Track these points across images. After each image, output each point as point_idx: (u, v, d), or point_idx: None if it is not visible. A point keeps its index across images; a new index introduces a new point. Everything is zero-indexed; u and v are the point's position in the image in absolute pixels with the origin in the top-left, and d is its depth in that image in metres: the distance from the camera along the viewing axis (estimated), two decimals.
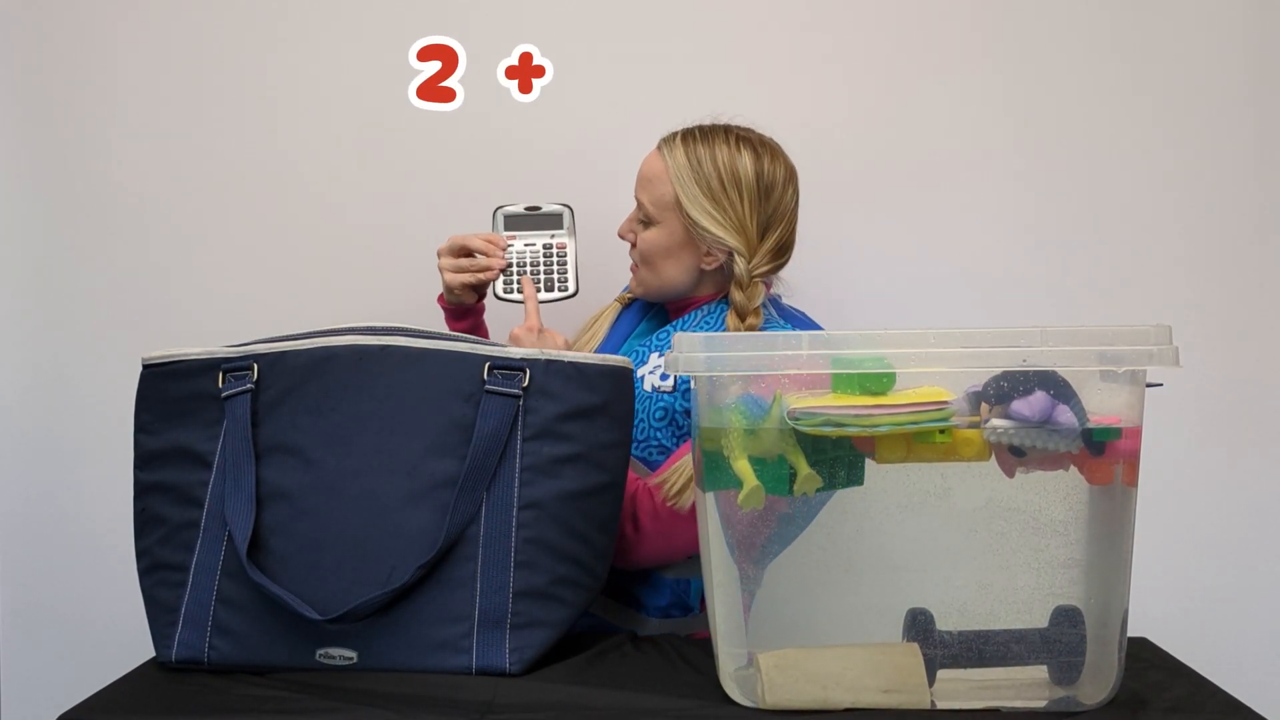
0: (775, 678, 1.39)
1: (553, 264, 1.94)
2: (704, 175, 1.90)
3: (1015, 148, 2.34)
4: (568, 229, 1.97)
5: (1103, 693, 1.40)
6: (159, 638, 1.59)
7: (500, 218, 1.97)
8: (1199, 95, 2.33)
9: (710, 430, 1.41)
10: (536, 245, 1.95)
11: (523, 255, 1.94)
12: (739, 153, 1.90)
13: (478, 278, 1.94)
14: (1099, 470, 1.39)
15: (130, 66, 2.33)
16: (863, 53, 2.33)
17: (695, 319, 1.95)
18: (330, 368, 1.59)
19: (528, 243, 1.95)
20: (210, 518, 1.59)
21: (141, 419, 1.64)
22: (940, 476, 1.40)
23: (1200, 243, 2.33)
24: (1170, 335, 1.37)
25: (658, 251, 1.94)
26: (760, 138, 1.94)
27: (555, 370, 1.59)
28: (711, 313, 1.95)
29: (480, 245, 1.94)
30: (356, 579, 1.53)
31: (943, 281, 2.33)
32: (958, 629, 1.42)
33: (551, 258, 1.94)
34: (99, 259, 2.33)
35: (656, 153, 1.95)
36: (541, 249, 1.94)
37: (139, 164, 2.33)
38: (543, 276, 1.94)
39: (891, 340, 1.38)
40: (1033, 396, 1.36)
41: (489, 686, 1.48)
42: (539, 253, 1.94)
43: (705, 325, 1.93)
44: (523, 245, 1.95)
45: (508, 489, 1.56)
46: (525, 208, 1.97)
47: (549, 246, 1.95)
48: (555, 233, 1.96)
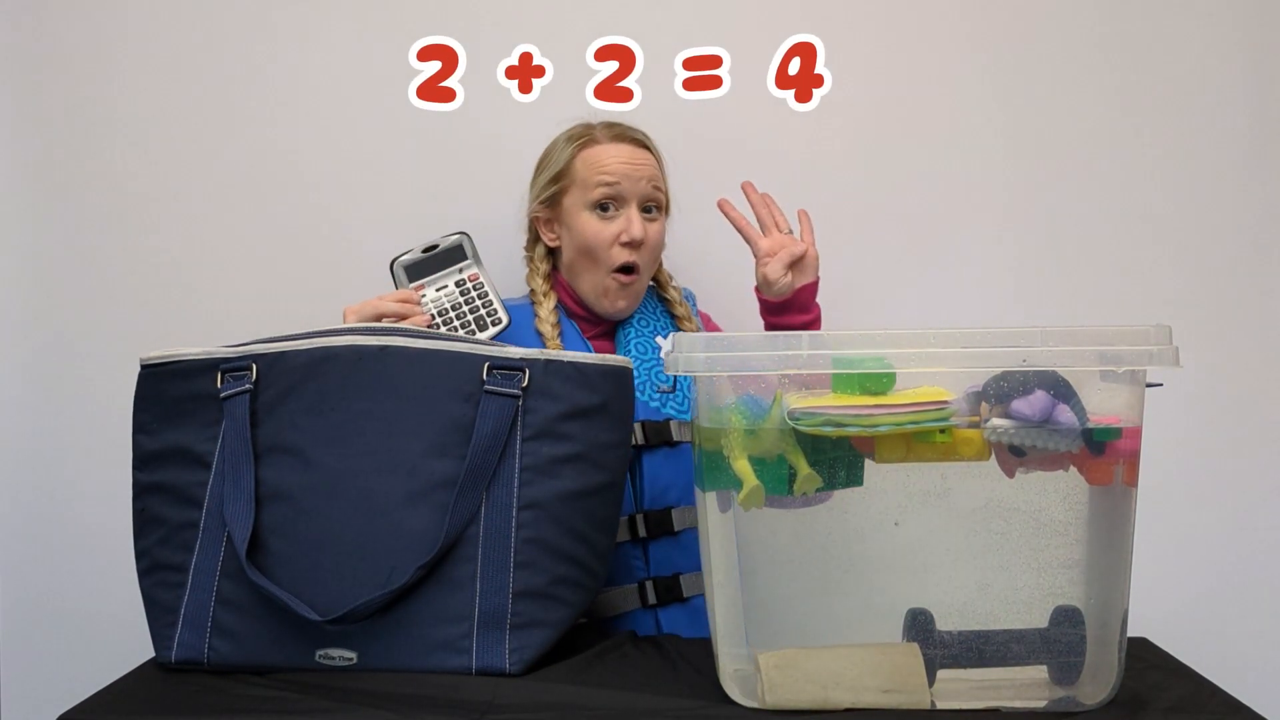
0: (775, 678, 1.39)
1: (474, 301, 1.83)
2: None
3: (1014, 147, 2.34)
4: (472, 257, 1.87)
5: (1103, 693, 1.41)
6: (158, 638, 1.60)
7: (400, 271, 1.85)
8: (1198, 94, 2.33)
9: (710, 430, 1.42)
10: (450, 286, 1.84)
11: (440, 302, 1.82)
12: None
13: None
14: (1099, 470, 1.40)
15: (128, 64, 2.32)
16: (861, 52, 2.33)
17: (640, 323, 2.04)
18: (329, 368, 1.60)
19: (439, 287, 1.84)
20: (209, 518, 1.60)
21: (140, 419, 1.65)
22: (940, 476, 1.41)
23: (1200, 242, 2.33)
24: (1170, 335, 1.38)
25: (661, 244, 2.03)
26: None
27: (555, 370, 1.59)
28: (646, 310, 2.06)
29: (395, 309, 1.79)
30: (356, 579, 1.54)
31: (942, 281, 2.33)
32: (958, 629, 1.42)
33: (470, 295, 1.84)
34: (97, 258, 2.32)
35: (641, 148, 2.01)
36: (456, 289, 1.84)
37: (137, 162, 2.32)
38: (470, 318, 1.82)
39: (891, 340, 1.39)
40: (1033, 396, 1.37)
41: (489, 687, 1.48)
42: (455, 294, 1.83)
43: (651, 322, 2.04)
44: (435, 291, 1.83)
45: (507, 489, 1.57)
46: (422, 250, 1.86)
47: (462, 284, 1.84)
48: (461, 266, 1.86)
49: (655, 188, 2.00)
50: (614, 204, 1.97)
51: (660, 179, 2.02)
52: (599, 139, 2.01)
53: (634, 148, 2.00)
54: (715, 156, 2.24)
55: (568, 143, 2.03)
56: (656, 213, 2.01)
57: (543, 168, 2.05)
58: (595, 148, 2.00)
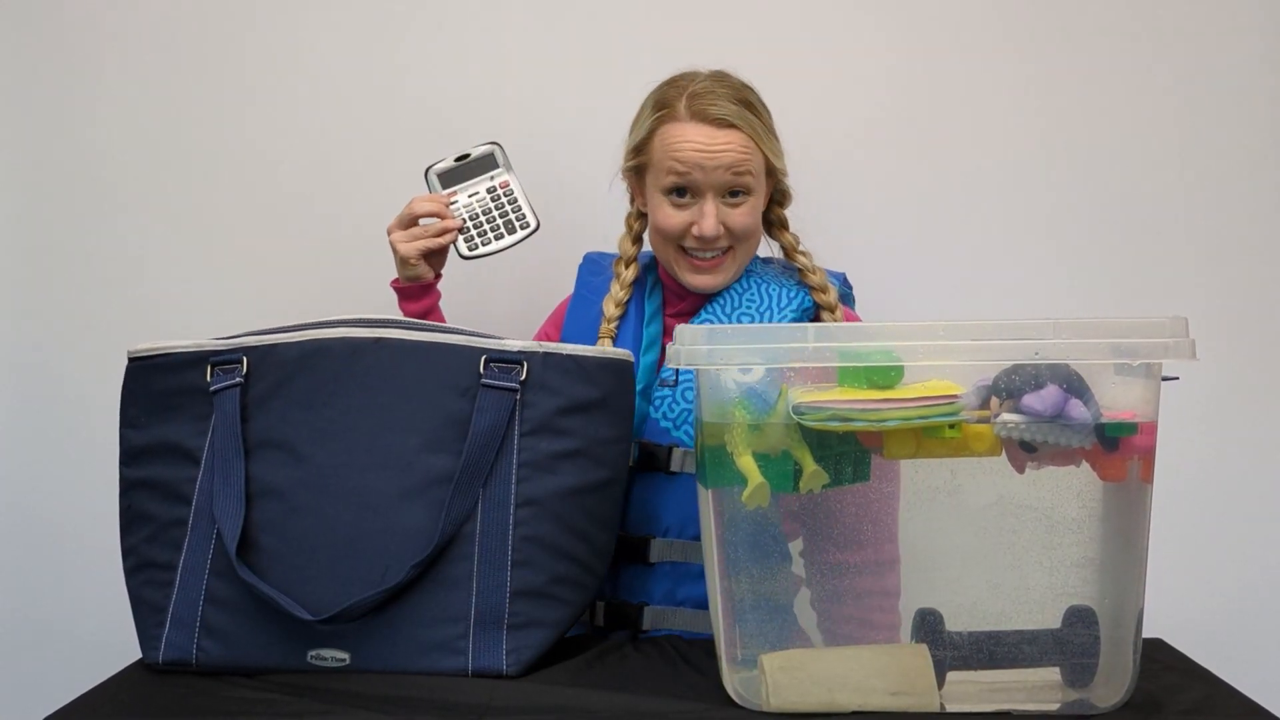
0: (780, 679, 1.39)
1: (505, 206, 1.90)
2: (766, 118, 1.92)
3: (1028, 136, 2.34)
4: (504, 165, 1.94)
5: (1117, 695, 1.41)
6: (146, 639, 1.60)
7: (434, 178, 1.93)
8: (1216, 82, 2.33)
9: (713, 425, 1.42)
10: (480, 193, 1.91)
11: (471, 208, 1.90)
12: (744, 80, 1.93)
13: (437, 242, 1.88)
14: (1113, 466, 1.39)
15: (113, 51, 2.32)
16: (876, 41, 2.33)
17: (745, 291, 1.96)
18: (322, 361, 1.60)
19: (471, 194, 1.91)
20: (198, 515, 1.60)
21: (127, 413, 1.64)
22: (950, 473, 1.41)
23: (1217, 231, 2.33)
24: (1186, 327, 1.38)
25: (755, 224, 1.93)
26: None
27: (553, 363, 1.59)
28: (763, 282, 1.96)
29: (429, 208, 1.89)
30: (349, 578, 1.54)
31: (952, 272, 2.33)
32: (968, 630, 1.42)
33: (500, 200, 1.90)
34: (83, 248, 2.33)
35: (725, 127, 1.86)
36: (488, 195, 1.91)
37: (124, 151, 2.33)
38: (500, 222, 1.89)
39: (899, 332, 1.38)
40: (1045, 390, 1.36)
41: (485, 689, 1.48)
42: (486, 200, 1.91)
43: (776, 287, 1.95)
44: (467, 198, 1.91)
45: (505, 485, 1.57)
46: (455, 159, 1.94)
47: (493, 190, 1.91)
48: (493, 173, 1.93)
49: (738, 173, 1.86)
50: (689, 191, 1.88)
51: (750, 160, 1.86)
52: (679, 114, 1.88)
53: (714, 129, 1.85)
54: None
55: (652, 111, 1.92)
56: (743, 197, 1.88)
57: (632, 130, 1.97)
58: (674, 125, 1.88)
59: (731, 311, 1.92)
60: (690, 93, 1.88)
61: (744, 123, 1.87)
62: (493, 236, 1.88)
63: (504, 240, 1.88)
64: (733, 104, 1.87)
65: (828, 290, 1.93)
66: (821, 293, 1.93)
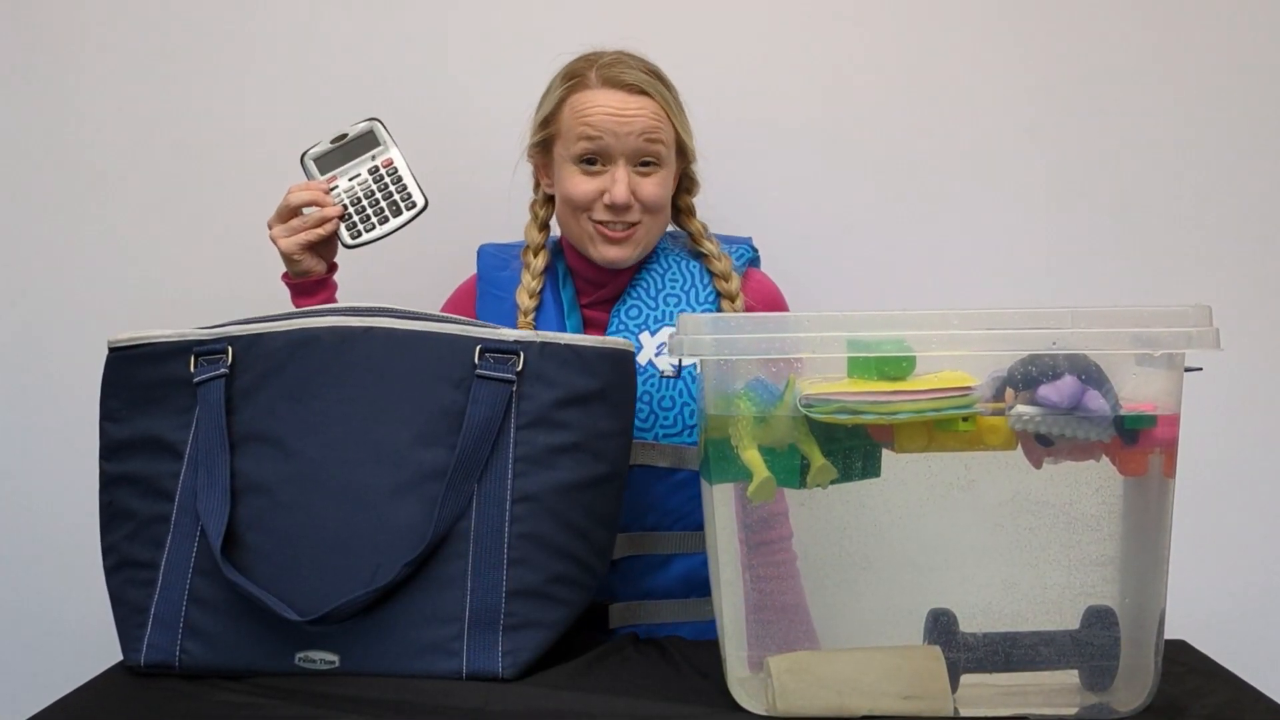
0: (787, 683, 1.39)
1: (389, 186, 1.84)
2: (675, 93, 1.97)
3: (1042, 117, 2.33)
4: (385, 143, 1.87)
5: (1138, 699, 1.41)
6: (127, 640, 1.60)
7: (310, 163, 1.86)
8: (1238, 62, 2.33)
9: (717, 418, 1.41)
10: (362, 174, 1.85)
11: (353, 192, 1.84)
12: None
13: (316, 233, 1.83)
14: (1133, 461, 1.39)
15: (95, 30, 2.33)
16: (889, 22, 2.33)
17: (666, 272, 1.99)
18: (310, 351, 1.59)
19: (352, 176, 1.85)
20: (181, 512, 1.59)
21: (108, 406, 1.64)
22: (964, 467, 1.40)
23: (1242, 217, 2.33)
24: (1210, 315, 1.37)
25: (664, 198, 1.96)
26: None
27: (551, 353, 1.59)
28: (679, 264, 2.00)
29: (306, 198, 1.83)
30: (338, 577, 1.53)
31: (966, 259, 2.32)
32: (982, 631, 1.42)
33: (384, 180, 1.85)
34: (61, 233, 2.33)
35: (637, 94, 1.91)
36: (370, 176, 1.85)
37: (105, 130, 2.33)
38: (384, 204, 1.84)
39: (911, 321, 1.38)
40: (1061, 381, 1.36)
41: (480, 692, 1.48)
42: (368, 181, 1.85)
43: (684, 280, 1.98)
44: (348, 181, 1.85)
45: (500, 481, 1.56)
46: (331, 141, 1.87)
47: (375, 170, 1.85)
48: (374, 152, 1.87)
49: (650, 140, 1.90)
50: (600, 159, 1.91)
51: (661, 128, 1.92)
52: (590, 82, 1.92)
53: (626, 95, 1.90)
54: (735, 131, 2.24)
55: (562, 82, 1.96)
56: (654, 166, 1.92)
57: (540, 106, 1.99)
58: (584, 93, 1.92)
59: (657, 293, 1.96)
60: (601, 63, 1.94)
61: (655, 92, 1.92)
62: (377, 221, 1.83)
63: (390, 224, 1.84)
64: (644, 73, 1.93)
65: (730, 278, 1.97)
66: (724, 280, 1.97)
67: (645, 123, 1.90)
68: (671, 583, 1.87)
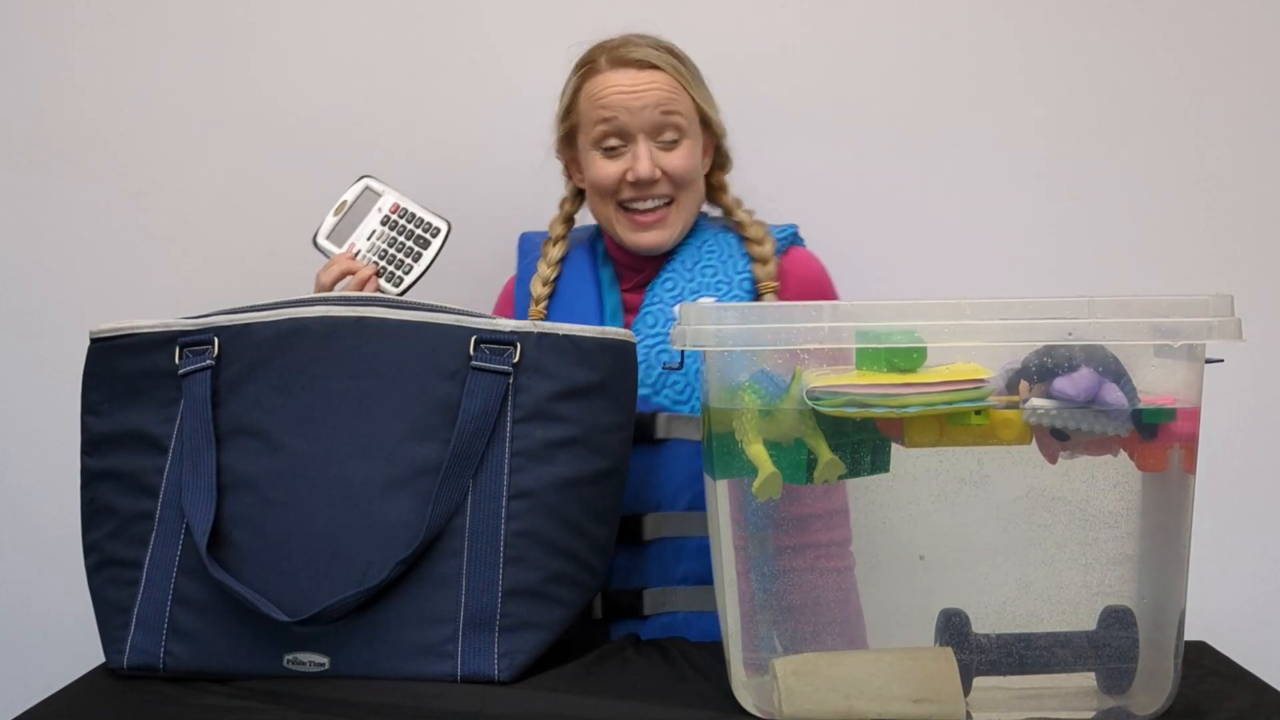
0: (793, 686, 1.39)
1: (406, 226, 1.87)
2: (691, 65, 1.99)
3: (1058, 101, 2.33)
4: (383, 191, 1.89)
5: (1157, 702, 1.41)
6: (109, 641, 1.60)
7: (324, 243, 1.87)
8: (1258, 46, 2.33)
9: (721, 411, 1.41)
10: (375, 228, 1.87)
11: (376, 248, 1.86)
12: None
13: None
14: (1152, 456, 1.39)
15: (74, 33, 2.34)
16: (908, 9, 2.33)
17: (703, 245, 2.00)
18: (299, 342, 1.59)
19: (368, 235, 1.86)
20: (166, 508, 1.59)
21: (89, 399, 1.64)
22: (976, 462, 1.40)
23: (1263, 202, 2.33)
24: (1232, 305, 1.37)
25: (695, 170, 1.97)
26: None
27: (549, 344, 1.58)
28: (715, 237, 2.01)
29: (335, 273, 1.84)
30: (329, 576, 1.53)
31: (980, 248, 2.32)
32: (996, 632, 1.42)
33: (399, 224, 1.87)
34: (41, 220, 2.33)
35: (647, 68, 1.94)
36: (385, 227, 1.87)
37: (87, 112, 2.33)
38: (410, 243, 1.86)
39: (922, 311, 1.37)
40: (1078, 374, 1.36)
41: (476, 695, 1.48)
42: (386, 232, 1.87)
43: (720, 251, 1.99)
44: (366, 241, 1.86)
45: (496, 476, 1.56)
46: (334, 214, 1.88)
47: (387, 219, 1.87)
48: (378, 204, 1.88)
49: (666, 112, 1.92)
50: (619, 139, 1.94)
51: (676, 99, 1.94)
52: (601, 66, 1.96)
53: (636, 71, 1.93)
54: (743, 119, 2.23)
55: (574, 72, 2.00)
56: (677, 139, 1.94)
57: (560, 100, 2.03)
58: (596, 78, 1.96)
59: (694, 265, 1.98)
60: (609, 46, 1.97)
61: (667, 65, 1.95)
62: (411, 261, 1.85)
63: (425, 258, 1.86)
64: (654, 49, 1.96)
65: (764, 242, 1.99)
66: (757, 245, 1.98)
67: (658, 95, 1.92)
68: (706, 569, 1.85)
